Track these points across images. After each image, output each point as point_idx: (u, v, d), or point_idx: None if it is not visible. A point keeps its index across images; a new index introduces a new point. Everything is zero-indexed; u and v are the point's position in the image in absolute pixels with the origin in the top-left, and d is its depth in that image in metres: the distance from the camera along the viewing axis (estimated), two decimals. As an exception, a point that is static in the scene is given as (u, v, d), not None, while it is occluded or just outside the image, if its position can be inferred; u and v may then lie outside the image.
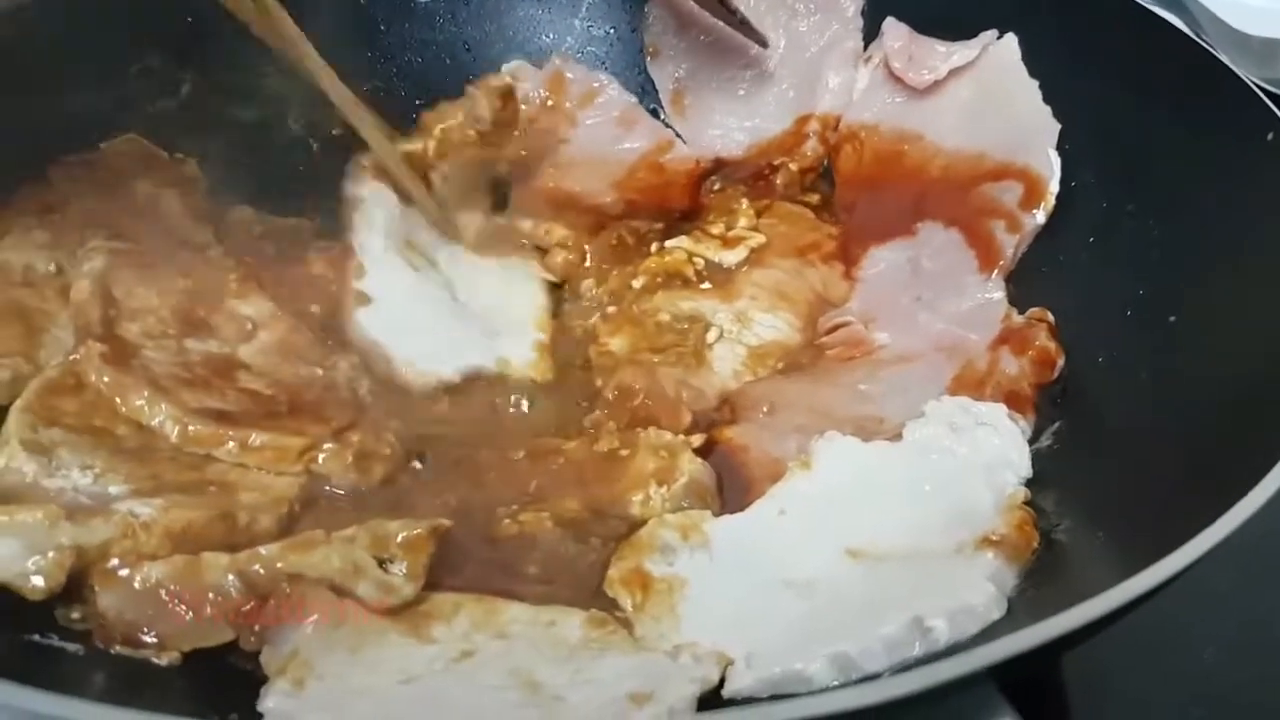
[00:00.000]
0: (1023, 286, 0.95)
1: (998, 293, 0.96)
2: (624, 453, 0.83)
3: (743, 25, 1.14)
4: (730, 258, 1.05)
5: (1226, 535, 0.54)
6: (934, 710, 0.45)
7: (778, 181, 1.13)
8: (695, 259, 1.05)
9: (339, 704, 0.61)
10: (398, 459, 0.80)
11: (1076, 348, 0.89)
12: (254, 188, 0.99)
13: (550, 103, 1.16)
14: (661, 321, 0.98)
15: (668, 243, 1.06)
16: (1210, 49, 0.91)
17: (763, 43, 1.15)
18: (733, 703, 0.64)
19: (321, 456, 0.77)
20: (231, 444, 0.75)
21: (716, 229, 1.08)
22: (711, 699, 0.64)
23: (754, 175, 1.15)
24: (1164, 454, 0.75)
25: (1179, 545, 0.54)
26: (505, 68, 1.17)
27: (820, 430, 0.84)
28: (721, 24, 1.15)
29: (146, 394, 0.74)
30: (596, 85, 1.18)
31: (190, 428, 0.74)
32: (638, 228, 1.09)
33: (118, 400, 0.74)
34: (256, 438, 0.75)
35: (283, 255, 0.92)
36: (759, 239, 1.07)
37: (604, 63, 1.22)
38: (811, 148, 1.14)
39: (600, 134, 1.15)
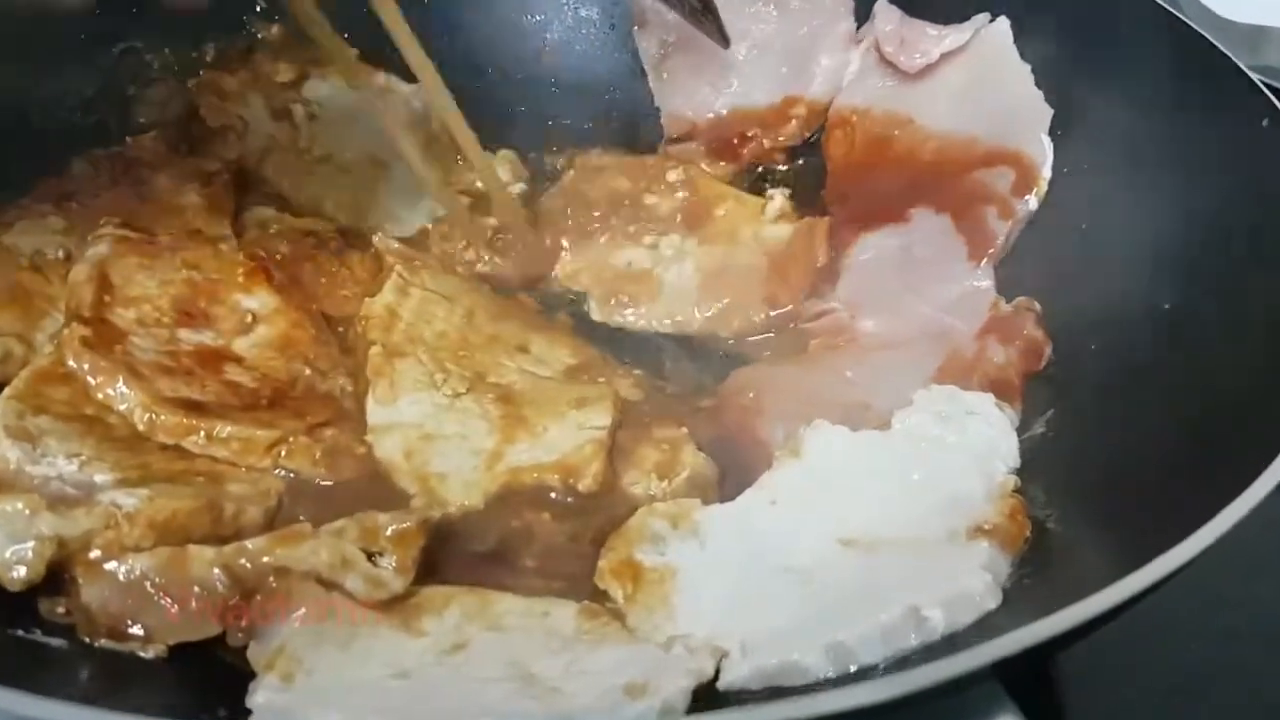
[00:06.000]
0: (1014, 273, 0.95)
1: (986, 281, 0.96)
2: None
3: (705, 18, 1.09)
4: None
5: (1232, 526, 0.54)
6: (937, 706, 0.45)
7: (744, 152, 1.13)
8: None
9: (330, 698, 0.61)
10: (370, 459, 0.78)
11: (1068, 335, 0.88)
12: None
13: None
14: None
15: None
16: (1205, 35, 0.90)
17: (724, 42, 1.11)
18: (730, 698, 0.63)
19: (284, 450, 0.75)
20: (199, 435, 0.73)
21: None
22: (707, 690, 0.63)
23: (723, 142, 1.14)
24: (1159, 444, 0.75)
25: (1181, 537, 0.54)
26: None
27: (806, 417, 0.84)
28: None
29: (120, 379, 0.73)
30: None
31: (158, 417, 0.73)
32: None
33: (90, 383, 0.73)
34: (223, 429, 0.74)
35: (300, 255, 0.92)
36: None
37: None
38: (792, 130, 1.13)
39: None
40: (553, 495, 0.79)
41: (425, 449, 0.79)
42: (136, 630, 0.62)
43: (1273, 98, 0.82)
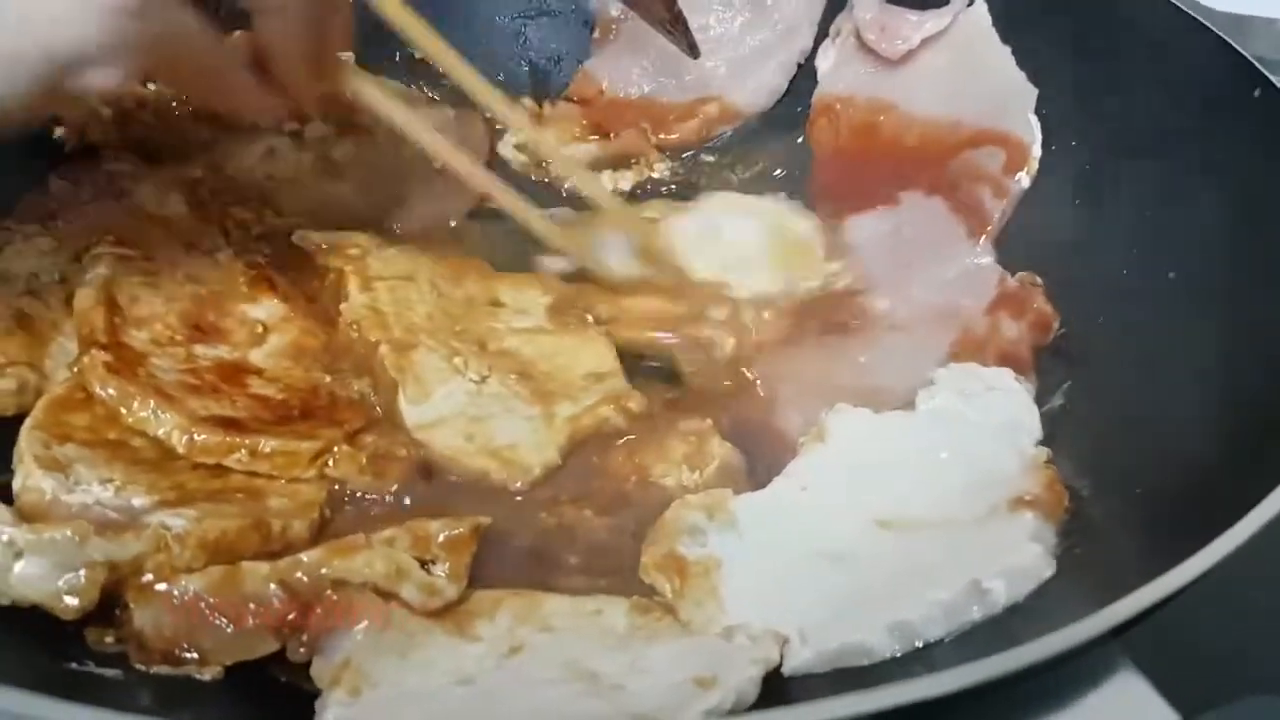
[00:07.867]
0: (1013, 251, 0.96)
1: (987, 258, 0.96)
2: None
3: (675, 29, 1.09)
4: None
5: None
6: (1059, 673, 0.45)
7: (616, 137, 1.14)
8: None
9: (399, 710, 0.60)
10: (414, 462, 0.77)
11: (1075, 309, 0.89)
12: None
13: None
14: None
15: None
16: (1184, 7, 0.92)
17: (693, 53, 1.12)
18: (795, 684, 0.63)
19: (332, 460, 0.74)
20: (242, 452, 0.72)
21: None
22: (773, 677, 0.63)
23: (607, 121, 1.15)
24: (1176, 408, 0.77)
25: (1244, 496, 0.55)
26: None
27: (822, 403, 0.84)
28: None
29: (152, 403, 0.71)
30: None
31: (198, 437, 0.71)
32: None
33: (123, 411, 0.71)
34: (266, 444, 0.72)
35: (282, 255, 0.89)
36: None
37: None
38: (690, 128, 1.14)
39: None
40: (614, 428, 0.83)
41: (483, 429, 0.80)
42: (191, 653, 0.61)
43: (1263, 70, 0.85)
